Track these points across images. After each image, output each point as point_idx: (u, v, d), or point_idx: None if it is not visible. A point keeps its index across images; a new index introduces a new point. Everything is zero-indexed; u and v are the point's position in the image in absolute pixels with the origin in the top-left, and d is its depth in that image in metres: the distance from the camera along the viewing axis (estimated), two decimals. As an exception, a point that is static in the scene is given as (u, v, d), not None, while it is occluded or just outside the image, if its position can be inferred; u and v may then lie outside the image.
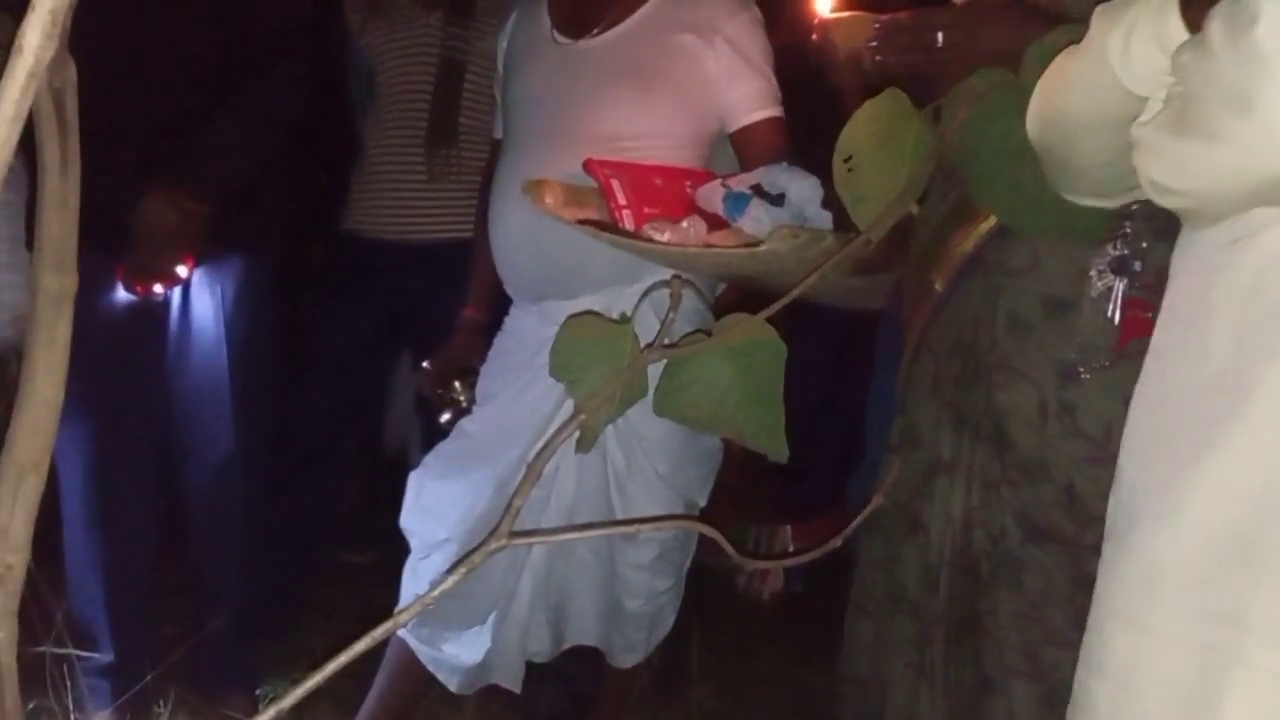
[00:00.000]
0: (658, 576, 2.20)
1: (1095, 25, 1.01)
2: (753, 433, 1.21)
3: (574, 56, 2.08)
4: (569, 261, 2.00)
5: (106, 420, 2.25)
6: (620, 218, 1.80)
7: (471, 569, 1.04)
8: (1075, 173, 1.14)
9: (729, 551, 1.12)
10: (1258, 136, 0.85)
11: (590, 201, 1.87)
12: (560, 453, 2.00)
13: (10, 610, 0.94)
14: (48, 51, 0.57)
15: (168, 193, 2.16)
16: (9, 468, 0.94)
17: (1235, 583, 0.91)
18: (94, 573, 2.31)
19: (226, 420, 2.36)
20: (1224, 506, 0.93)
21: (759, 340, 1.17)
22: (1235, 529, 0.91)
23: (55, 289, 0.97)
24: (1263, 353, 0.91)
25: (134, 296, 2.23)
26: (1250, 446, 0.91)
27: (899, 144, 1.14)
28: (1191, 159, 0.92)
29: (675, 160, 2.02)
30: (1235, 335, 0.94)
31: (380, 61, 2.79)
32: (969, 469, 1.54)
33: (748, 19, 2.08)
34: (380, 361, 2.93)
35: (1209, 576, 0.93)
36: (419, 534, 2.16)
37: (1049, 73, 1.09)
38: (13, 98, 0.58)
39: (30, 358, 0.96)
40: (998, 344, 1.51)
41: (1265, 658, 0.89)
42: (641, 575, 2.17)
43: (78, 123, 0.94)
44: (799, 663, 2.88)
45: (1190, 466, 0.95)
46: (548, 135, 2.04)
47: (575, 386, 1.28)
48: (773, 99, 2.08)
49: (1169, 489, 0.97)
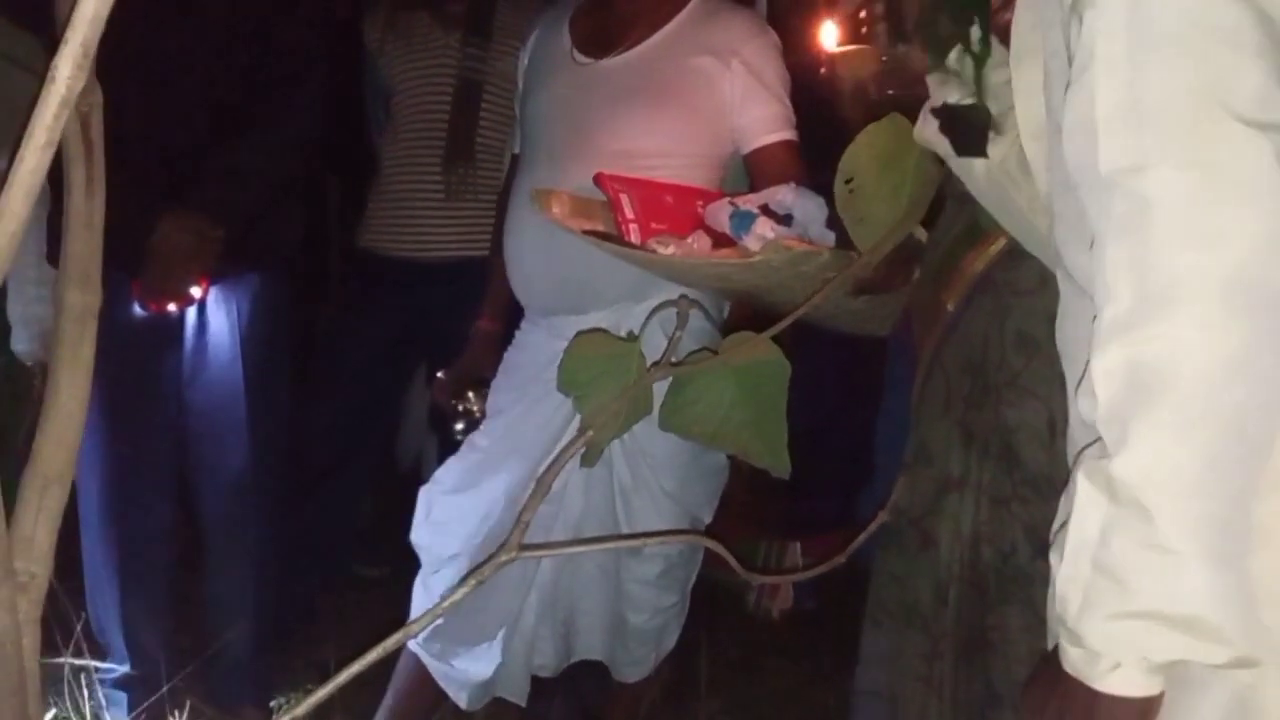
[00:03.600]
0: (663, 592, 2.21)
1: None
2: (756, 449, 1.24)
3: (593, 75, 2.11)
4: (579, 277, 2.02)
5: (125, 434, 2.29)
6: (626, 231, 1.83)
7: (481, 581, 1.06)
8: None
9: (735, 567, 1.14)
10: None
11: (598, 215, 1.90)
12: (568, 468, 2.04)
13: (34, 618, 0.96)
14: (79, 82, 0.59)
15: (184, 214, 2.19)
16: (34, 479, 0.96)
17: None
18: (112, 584, 2.34)
19: (242, 435, 2.38)
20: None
21: (763, 359, 1.20)
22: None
23: (79, 305, 1.00)
24: None
25: (148, 313, 2.26)
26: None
27: (900, 167, 1.17)
28: None
29: (688, 178, 2.04)
30: None
31: (398, 80, 2.82)
32: (979, 485, 1.56)
33: (765, 43, 2.10)
34: (395, 377, 2.95)
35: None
36: (429, 549, 2.18)
37: None
38: (45, 125, 0.61)
39: (55, 372, 0.99)
40: (1007, 363, 1.52)
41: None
42: (647, 591, 2.19)
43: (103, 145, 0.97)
44: (810, 680, 2.88)
45: None
46: (563, 151, 2.07)
47: (582, 402, 1.31)
48: (786, 122, 2.10)
49: None
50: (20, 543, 0.94)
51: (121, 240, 1.16)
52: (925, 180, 1.16)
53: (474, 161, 2.75)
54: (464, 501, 2.13)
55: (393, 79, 2.83)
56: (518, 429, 2.12)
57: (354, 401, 2.83)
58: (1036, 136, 0.98)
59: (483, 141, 2.76)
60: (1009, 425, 1.51)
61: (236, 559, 2.47)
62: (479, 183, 2.75)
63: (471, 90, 2.75)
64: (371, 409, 2.90)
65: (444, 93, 2.77)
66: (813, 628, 3.14)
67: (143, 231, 2.17)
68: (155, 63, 2.15)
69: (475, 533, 2.10)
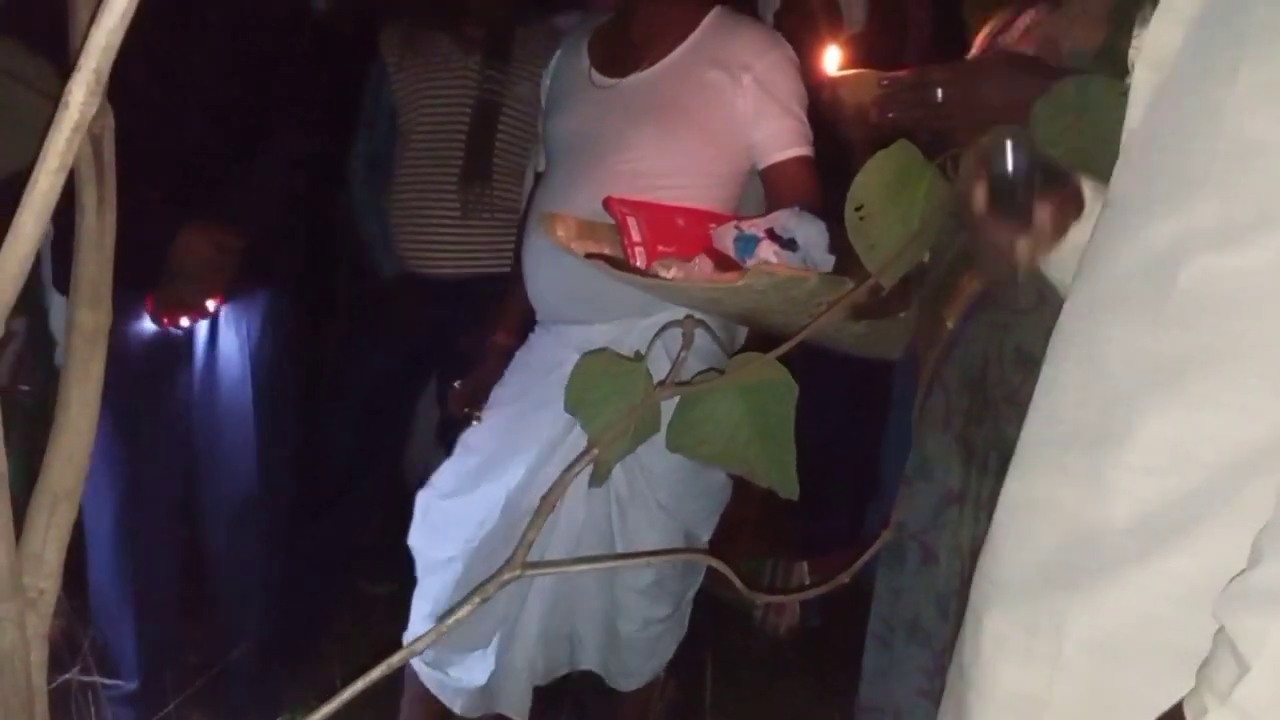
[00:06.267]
0: (654, 603, 2.21)
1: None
2: (764, 469, 1.24)
3: (610, 96, 2.13)
4: (586, 291, 2.05)
5: (135, 451, 2.30)
6: (632, 254, 1.84)
7: (486, 598, 1.07)
8: None
9: (738, 585, 1.14)
10: None
11: (605, 237, 1.92)
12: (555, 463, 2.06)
13: (42, 634, 0.97)
14: (92, 107, 0.60)
15: (200, 228, 2.21)
16: (43, 496, 0.97)
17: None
18: (119, 601, 2.35)
19: (250, 453, 2.40)
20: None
21: (771, 379, 1.20)
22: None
23: (90, 325, 1.01)
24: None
25: (161, 329, 2.27)
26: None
27: (910, 193, 1.17)
28: None
29: (703, 196, 2.05)
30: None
31: (413, 98, 2.84)
32: (978, 500, 1.58)
33: (778, 57, 2.10)
34: (405, 395, 2.96)
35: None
36: (424, 552, 2.20)
37: None
38: (58, 149, 0.62)
39: (65, 390, 1.00)
40: (1005, 379, 1.54)
41: None
42: (639, 601, 2.19)
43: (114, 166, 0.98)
44: (816, 697, 2.87)
45: None
46: (580, 171, 2.09)
47: (589, 422, 1.32)
48: (802, 138, 2.09)
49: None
50: (29, 559, 0.95)
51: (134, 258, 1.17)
52: (936, 205, 1.17)
53: (490, 181, 2.77)
54: (461, 506, 2.14)
55: (407, 97, 2.84)
56: (516, 432, 2.13)
57: (364, 419, 2.85)
58: (1158, 67, 0.93)
59: (499, 162, 2.79)
60: (1008, 441, 1.51)
61: (244, 575, 2.49)
62: (494, 202, 2.77)
63: (490, 112, 2.78)
64: (382, 426, 2.91)
65: (461, 113, 2.79)
66: (818, 645, 3.13)
67: (156, 249, 2.19)
68: (165, 82, 2.17)
69: (472, 537, 2.10)
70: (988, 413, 1.55)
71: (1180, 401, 0.83)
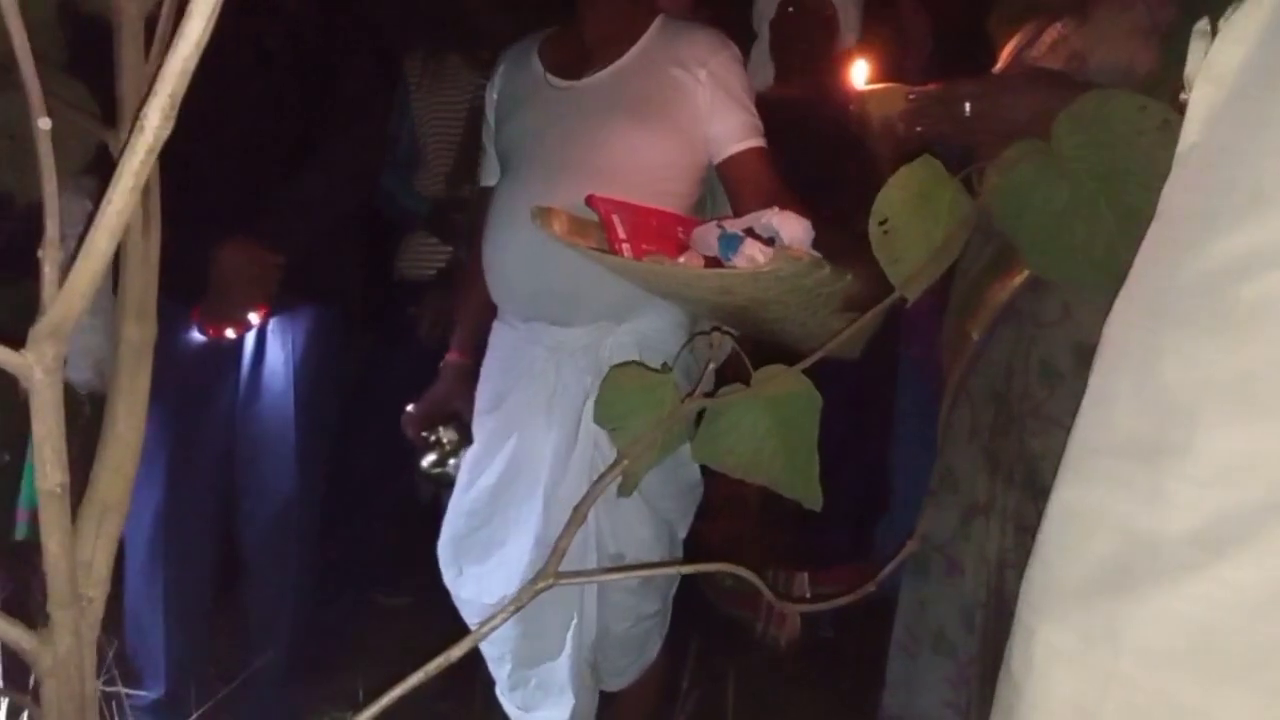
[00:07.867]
0: (643, 600, 2.23)
1: None
2: (788, 480, 1.26)
3: (570, 96, 2.15)
4: (565, 291, 2.06)
5: (176, 460, 2.32)
6: (620, 250, 1.85)
7: (520, 606, 1.09)
8: None
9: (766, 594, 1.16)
10: None
11: (592, 234, 1.92)
12: (568, 478, 2.08)
13: (90, 641, 0.99)
14: (166, 130, 0.63)
15: (246, 242, 2.24)
16: (92, 506, 0.99)
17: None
18: (151, 609, 2.37)
19: (290, 464, 2.43)
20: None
21: (795, 391, 1.22)
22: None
23: (136, 339, 1.03)
24: None
25: (206, 339, 2.30)
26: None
27: (934, 207, 1.19)
28: None
29: (672, 190, 2.08)
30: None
31: (429, 115, 2.97)
32: (1004, 512, 1.59)
33: (729, 55, 2.16)
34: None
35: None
36: (472, 603, 2.22)
37: None
38: (132, 170, 0.64)
39: (112, 403, 1.02)
40: (1030, 392, 1.55)
41: None
42: (629, 598, 2.21)
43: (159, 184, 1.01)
44: (831, 709, 2.88)
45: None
46: (551, 168, 2.10)
47: (618, 434, 1.34)
48: (755, 130, 2.13)
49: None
50: (80, 567, 0.97)
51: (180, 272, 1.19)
52: (959, 218, 1.19)
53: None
54: (494, 569, 2.17)
55: (422, 114, 2.98)
56: (521, 468, 2.15)
57: (387, 431, 2.87)
58: (1219, 83, 0.94)
59: None
60: (1033, 453, 1.54)
61: (275, 586, 2.51)
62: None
63: (478, 118, 2.87)
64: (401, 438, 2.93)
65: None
66: (831, 657, 3.14)
67: (203, 262, 2.21)
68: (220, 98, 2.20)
69: (513, 584, 2.14)
70: (1013, 425, 1.57)
71: (1243, 415, 0.84)
